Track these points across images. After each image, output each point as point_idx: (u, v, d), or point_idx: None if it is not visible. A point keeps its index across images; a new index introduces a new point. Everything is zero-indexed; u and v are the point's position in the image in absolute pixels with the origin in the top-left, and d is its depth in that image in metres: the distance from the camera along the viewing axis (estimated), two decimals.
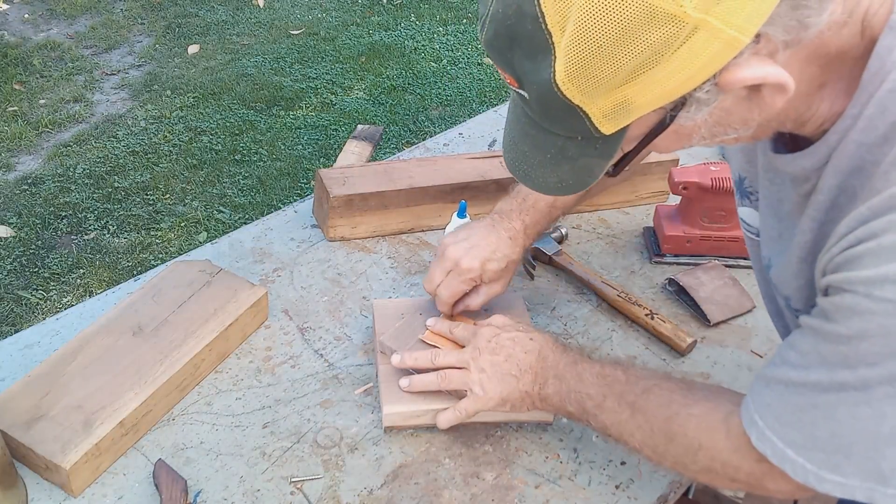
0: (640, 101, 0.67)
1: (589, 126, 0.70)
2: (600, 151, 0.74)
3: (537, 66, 0.67)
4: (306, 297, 1.34)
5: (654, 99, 0.67)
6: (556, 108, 0.69)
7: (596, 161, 0.76)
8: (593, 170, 0.77)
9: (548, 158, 0.77)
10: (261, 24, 4.86)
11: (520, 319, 1.13)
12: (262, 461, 1.06)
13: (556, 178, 0.78)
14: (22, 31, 4.66)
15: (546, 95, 0.68)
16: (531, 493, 1.05)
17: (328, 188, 1.41)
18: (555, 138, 0.75)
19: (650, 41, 0.62)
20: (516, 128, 0.79)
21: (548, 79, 0.67)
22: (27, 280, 2.87)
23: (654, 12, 0.61)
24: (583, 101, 0.67)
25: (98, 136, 3.72)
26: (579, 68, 0.65)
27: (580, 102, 0.68)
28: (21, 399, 1.04)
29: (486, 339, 1.07)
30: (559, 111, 0.69)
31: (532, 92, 0.70)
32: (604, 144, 0.73)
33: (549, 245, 1.41)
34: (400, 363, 1.11)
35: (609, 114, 0.68)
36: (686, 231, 1.43)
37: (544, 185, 0.80)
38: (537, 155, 0.77)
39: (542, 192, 0.82)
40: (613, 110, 0.68)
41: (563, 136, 0.74)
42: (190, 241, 3.06)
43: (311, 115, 3.90)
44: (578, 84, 0.66)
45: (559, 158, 0.76)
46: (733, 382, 1.23)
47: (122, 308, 1.19)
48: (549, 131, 0.74)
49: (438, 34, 4.76)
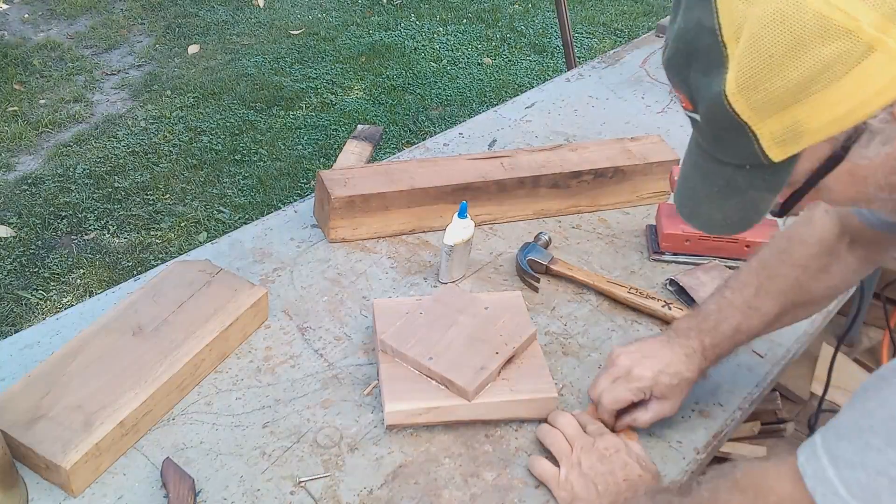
0: (810, 125, 0.65)
1: (758, 150, 0.69)
2: (768, 183, 0.73)
3: (710, 80, 0.67)
4: (306, 297, 1.34)
5: (826, 125, 0.65)
6: (725, 128, 0.69)
7: (763, 195, 0.74)
8: (759, 205, 0.75)
9: (715, 192, 0.76)
10: (261, 24, 4.86)
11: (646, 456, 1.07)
12: (262, 461, 1.06)
13: (721, 214, 0.77)
14: (22, 31, 4.66)
15: (716, 112, 0.68)
16: (531, 493, 1.05)
17: (329, 189, 1.41)
18: (724, 168, 0.74)
19: (822, 56, 0.61)
20: (688, 163, 0.78)
21: (719, 92, 0.66)
22: (27, 280, 2.87)
23: (828, 25, 0.60)
24: (751, 118, 0.67)
25: (98, 136, 3.72)
26: (749, 79, 0.64)
27: (748, 119, 0.67)
28: (21, 399, 1.04)
29: (606, 444, 1.05)
30: (729, 131, 0.69)
31: (704, 110, 0.70)
32: (772, 175, 0.71)
33: (541, 255, 1.41)
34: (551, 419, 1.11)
35: (778, 137, 0.67)
36: (685, 230, 1.43)
37: (710, 223, 0.79)
38: (706, 188, 0.76)
39: (707, 231, 0.81)
40: (783, 133, 0.67)
41: (733, 166, 0.73)
42: (190, 241, 3.06)
43: (311, 115, 3.90)
44: (747, 97, 0.66)
45: (727, 191, 0.75)
46: (733, 382, 1.23)
47: (122, 308, 1.19)
48: (719, 160, 0.74)
49: (438, 34, 4.76)
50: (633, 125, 1.86)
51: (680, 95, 0.74)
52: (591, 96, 1.98)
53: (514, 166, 1.51)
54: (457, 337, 1.16)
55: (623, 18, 5.06)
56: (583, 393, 1.19)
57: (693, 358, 1.09)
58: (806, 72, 0.62)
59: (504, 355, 1.14)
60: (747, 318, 1.10)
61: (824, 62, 0.61)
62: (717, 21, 0.65)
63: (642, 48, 2.23)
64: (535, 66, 4.45)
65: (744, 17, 0.63)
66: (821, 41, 0.61)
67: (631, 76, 2.08)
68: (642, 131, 1.81)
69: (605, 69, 2.12)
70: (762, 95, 0.65)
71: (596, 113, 1.91)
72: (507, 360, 1.15)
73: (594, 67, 2.13)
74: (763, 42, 0.63)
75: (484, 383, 1.11)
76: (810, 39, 0.61)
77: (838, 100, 0.63)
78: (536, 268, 1.40)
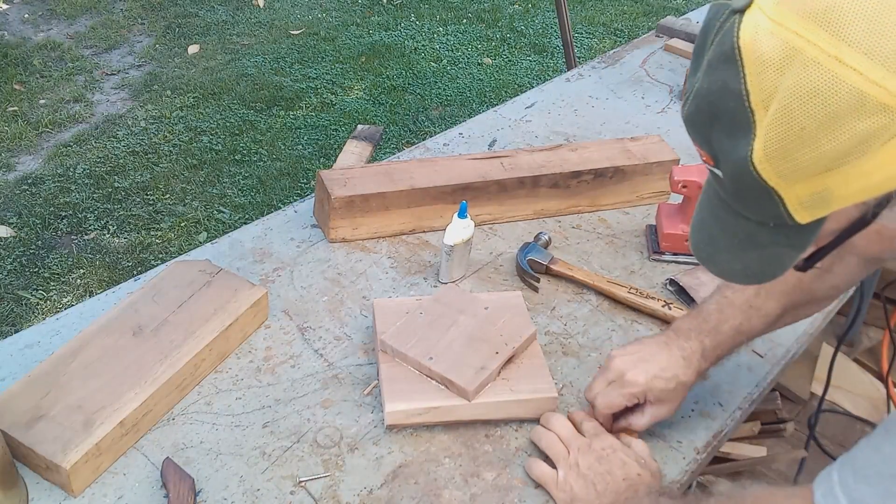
0: (840, 192, 0.64)
1: (783, 212, 0.67)
2: (792, 242, 0.71)
3: (736, 143, 0.65)
4: (306, 296, 1.34)
5: (857, 192, 0.64)
6: (750, 188, 0.67)
7: (786, 251, 0.72)
8: (783, 260, 0.73)
9: (735, 243, 0.73)
10: (261, 24, 4.86)
11: (646, 452, 1.07)
12: (262, 461, 1.06)
13: (741, 265, 0.75)
14: (22, 31, 4.66)
15: (741, 175, 0.66)
16: (531, 493, 1.05)
17: (329, 189, 1.41)
18: (746, 223, 0.71)
19: (858, 130, 0.59)
20: (706, 208, 0.76)
21: (745, 157, 0.64)
22: (27, 280, 2.87)
23: (865, 100, 0.58)
24: (779, 185, 0.65)
25: (98, 136, 3.72)
26: (779, 149, 0.62)
27: (776, 185, 0.65)
28: (21, 399, 1.04)
29: (603, 445, 1.05)
30: (753, 193, 0.67)
31: (727, 171, 0.68)
32: (797, 234, 0.70)
33: (541, 255, 1.41)
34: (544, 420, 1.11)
35: (806, 202, 0.65)
36: (685, 230, 1.43)
37: (728, 271, 0.77)
38: (725, 238, 0.74)
39: (724, 278, 0.79)
40: (811, 199, 0.65)
41: (755, 222, 0.71)
42: (190, 241, 3.06)
43: (311, 115, 3.90)
44: (776, 166, 0.64)
45: (747, 245, 0.73)
46: (733, 382, 1.23)
47: (122, 308, 1.19)
48: (741, 215, 0.71)
49: (438, 34, 4.76)
50: (633, 125, 1.86)
51: (700, 151, 0.71)
52: (591, 96, 1.98)
53: (514, 166, 1.51)
54: (457, 337, 1.16)
55: (623, 18, 5.06)
56: (582, 393, 1.19)
57: (691, 360, 1.08)
58: (840, 145, 0.61)
59: (504, 355, 1.14)
60: (748, 319, 1.09)
61: (860, 137, 0.60)
62: (745, 87, 0.62)
63: (642, 48, 2.23)
64: (535, 66, 4.45)
65: (774, 86, 0.61)
66: (857, 116, 0.59)
67: (631, 76, 2.08)
68: (642, 131, 1.81)
69: (605, 69, 2.12)
70: (791, 165, 0.63)
71: (596, 113, 1.91)
72: (507, 360, 1.15)
73: (594, 67, 2.13)
74: (795, 115, 0.60)
75: (484, 383, 1.11)
76: (846, 115, 0.59)
77: (871, 170, 0.61)
78: (536, 268, 1.40)
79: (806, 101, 0.60)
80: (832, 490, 0.73)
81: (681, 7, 5.22)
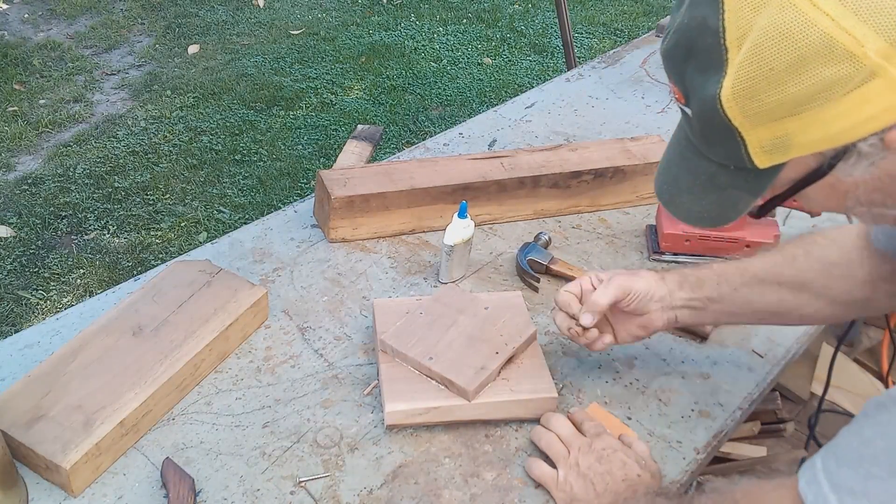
0: (800, 139, 0.66)
1: (744, 155, 0.69)
2: (750, 186, 0.73)
3: (706, 80, 0.67)
4: (306, 297, 1.34)
5: (815, 141, 0.66)
6: (715, 128, 0.69)
7: (743, 196, 0.75)
8: (738, 204, 0.76)
9: (697, 185, 0.76)
10: (261, 24, 4.86)
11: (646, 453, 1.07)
12: (262, 461, 1.06)
13: (699, 207, 0.77)
14: (22, 31, 4.66)
15: (708, 112, 0.68)
16: (531, 493, 1.05)
17: (329, 189, 1.41)
18: (708, 164, 0.74)
19: (823, 76, 0.61)
20: (674, 150, 0.79)
21: (714, 95, 0.67)
22: (27, 280, 2.87)
23: (833, 47, 0.60)
24: (743, 125, 0.67)
25: (98, 136, 3.72)
26: (746, 88, 0.64)
27: (740, 125, 0.67)
28: (21, 399, 1.04)
29: (603, 445, 1.05)
30: (718, 132, 0.69)
31: (696, 108, 0.70)
32: (755, 179, 0.72)
33: (541, 255, 1.41)
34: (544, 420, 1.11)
35: (767, 146, 0.68)
36: (685, 230, 1.43)
37: (687, 213, 0.79)
38: (687, 179, 0.77)
39: (683, 220, 0.82)
40: (772, 143, 0.67)
41: (717, 163, 0.73)
42: (190, 241, 3.06)
43: (311, 115, 3.90)
44: (742, 105, 0.66)
45: (708, 186, 0.75)
46: (733, 382, 1.23)
47: (122, 308, 1.19)
48: (705, 156, 0.74)
49: (438, 34, 4.76)
50: (633, 125, 1.86)
51: (673, 87, 0.74)
52: (591, 96, 1.98)
53: (514, 166, 1.51)
54: (457, 337, 1.16)
55: (623, 18, 5.06)
56: (583, 393, 1.19)
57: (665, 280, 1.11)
58: (804, 89, 0.62)
59: (504, 355, 1.14)
60: (735, 271, 1.11)
61: (825, 82, 0.62)
62: (723, 24, 0.65)
63: (642, 48, 2.23)
64: (535, 66, 4.45)
65: (749, 25, 0.63)
66: (824, 62, 0.61)
67: (631, 76, 2.08)
68: (642, 131, 1.81)
69: (605, 69, 2.12)
70: (757, 105, 0.65)
71: (596, 113, 1.91)
72: (507, 360, 1.15)
73: (594, 67, 2.13)
74: (765, 54, 0.62)
75: (484, 383, 1.11)
76: (813, 59, 0.61)
77: (832, 119, 0.63)
78: (536, 268, 1.40)
79: (777, 41, 0.61)
80: (816, 477, 0.74)
81: None
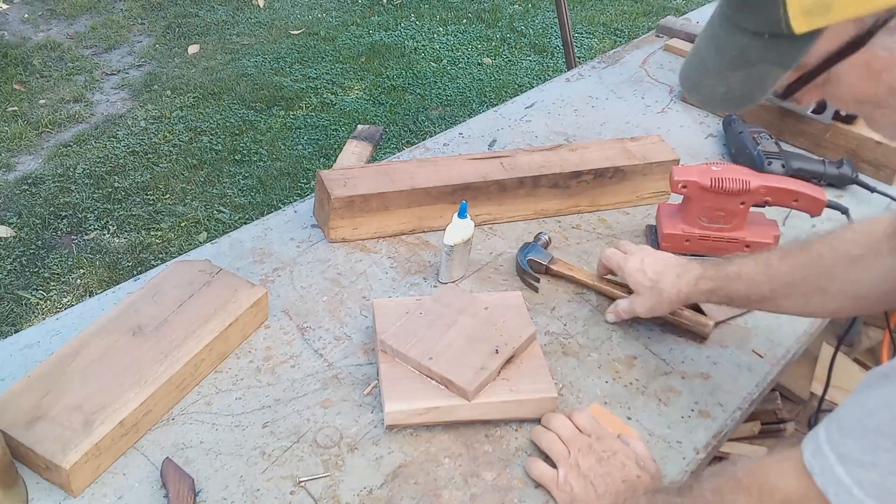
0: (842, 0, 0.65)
1: (783, 17, 0.69)
2: (783, 56, 0.72)
3: None
4: (306, 297, 1.34)
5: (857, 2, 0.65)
6: None
7: (773, 69, 0.74)
8: (765, 81, 0.75)
9: (725, 62, 0.76)
10: (261, 24, 4.86)
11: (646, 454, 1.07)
12: (262, 461, 1.06)
13: (725, 87, 0.77)
14: (22, 31, 4.66)
15: None
16: (531, 493, 1.05)
17: (329, 189, 1.41)
18: (741, 37, 0.74)
19: None
20: (705, 33, 0.79)
21: None
22: (27, 280, 2.87)
23: None
24: None
25: (98, 136, 3.72)
26: None
27: None
28: (21, 399, 1.04)
29: (604, 446, 1.05)
30: None
31: None
32: (789, 47, 0.71)
33: (541, 255, 1.41)
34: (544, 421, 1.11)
35: (807, 6, 0.67)
36: (685, 230, 1.43)
37: (711, 95, 0.80)
38: (716, 58, 0.77)
39: (706, 104, 0.84)
40: (812, 2, 0.66)
41: (751, 33, 0.73)
42: (190, 241, 3.06)
43: (311, 115, 3.90)
44: None
45: (737, 61, 0.75)
46: (733, 382, 1.23)
47: (122, 308, 1.19)
48: (738, 27, 0.73)
49: (438, 34, 4.76)
50: (633, 125, 1.86)
51: None
52: (591, 96, 1.98)
53: (514, 166, 1.51)
54: (457, 337, 1.16)
55: (623, 18, 5.06)
56: (583, 393, 1.19)
57: (689, 269, 1.18)
58: None
59: (504, 355, 1.14)
60: (758, 268, 1.12)
61: None
62: None
63: (642, 48, 2.23)
64: (535, 66, 4.45)
65: None
66: None
67: (631, 76, 2.08)
68: (642, 131, 1.81)
69: (605, 69, 2.12)
70: None
71: (596, 113, 1.91)
72: (507, 359, 1.15)
73: (594, 67, 2.13)
74: None
75: (484, 383, 1.11)
76: None
77: None
78: (536, 268, 1.40)
79: None
80: (820, 448, 0.73)
81: (681, 7, 5.22)
